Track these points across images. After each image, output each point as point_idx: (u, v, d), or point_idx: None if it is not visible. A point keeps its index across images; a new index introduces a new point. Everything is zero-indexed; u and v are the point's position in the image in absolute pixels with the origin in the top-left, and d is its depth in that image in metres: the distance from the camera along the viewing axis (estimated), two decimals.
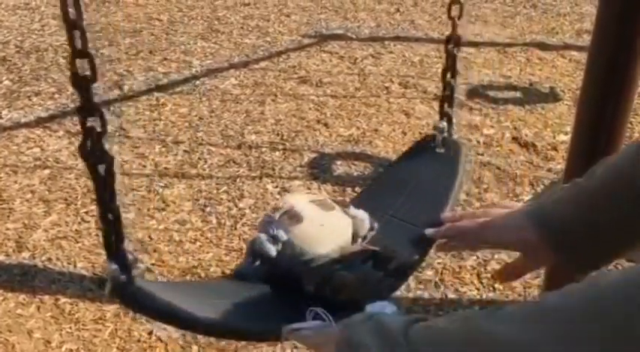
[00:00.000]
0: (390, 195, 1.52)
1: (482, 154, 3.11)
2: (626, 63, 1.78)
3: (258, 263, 1.27)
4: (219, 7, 5.48)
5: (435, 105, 3.63)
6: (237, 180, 2.88)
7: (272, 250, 1.27)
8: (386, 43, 4.67)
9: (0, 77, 3.91)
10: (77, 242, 2.43)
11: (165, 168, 2.98)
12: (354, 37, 4.71)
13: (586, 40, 4.57)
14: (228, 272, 2.31)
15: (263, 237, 1.27)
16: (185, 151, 3.13)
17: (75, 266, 2.32)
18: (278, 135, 3.32)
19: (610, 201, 0.85)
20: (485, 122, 3.45)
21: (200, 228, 2.55)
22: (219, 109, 3.58)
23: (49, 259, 2.35)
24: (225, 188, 2.82)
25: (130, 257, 1.01)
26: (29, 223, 2.52)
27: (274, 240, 1.27)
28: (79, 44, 0.90)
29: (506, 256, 2.36)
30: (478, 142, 3.23)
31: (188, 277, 2.27)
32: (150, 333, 2.08)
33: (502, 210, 1.00)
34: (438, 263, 2.34)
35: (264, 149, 3.17)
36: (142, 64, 4.15)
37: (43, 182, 2.79)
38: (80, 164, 2.96)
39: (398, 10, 5.56)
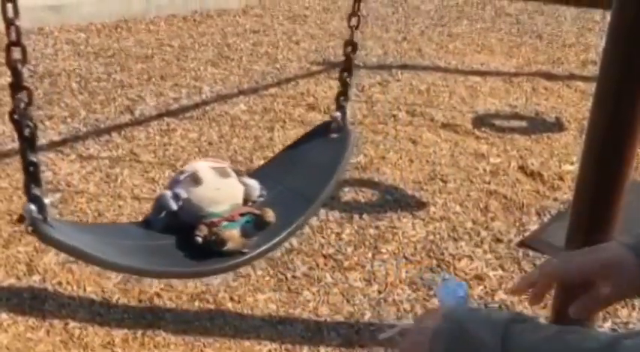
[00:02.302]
0: (285, 170, 1.81)
1: (488, 183, 3.14)
2: (633, 93, 1.81)
3: (163, 214, 1.55)
4: (229, 34, 5.57)
5: (442, 133, 3.69)
6: None
7: (174, 205, 1.54)
8: (393, 71, 4.72)
9: None
10: (87, 266, 2.44)
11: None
12: (361, 64, 4.77)
13: (591, 70, 4.62)
14: (236, 298, 2.32)
15: (168, 193, 1.56)
16: None
17: (84, 290, 2.34)
18: None
19: None
20: (492, 151, 3.48)
21: None
22: (229, 135, 3.63)
23: (59, 283, 2.37)
24: None
25: (46, 201, 1.24)
26: (40, 246, 2.54)
27: (177, 197, 1.55)
28: (14, 37, 1.16)
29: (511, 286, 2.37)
30: (485, 171, 3.26)
31: (197, 303, 2.29)
32: None
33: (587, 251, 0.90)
34: None
35: None
36: (153, 89, 4.21)
37: (55, 205, 2.82)
38: (92, 188, 3.00)
39: (405, 39, 5.64)
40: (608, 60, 1.85)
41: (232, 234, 1.51)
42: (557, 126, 3.85)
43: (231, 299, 2.32)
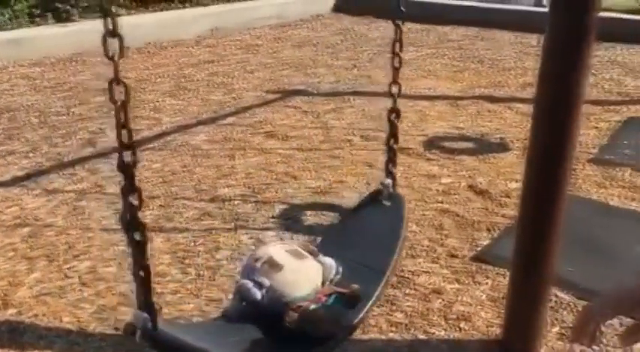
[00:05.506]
0: (349, 242, 1.85)
1: (441, 202, 3.34)
2: (567, 113, 2.02)
3: (244, 305, 1.55)
4: (184, 65, 5.69)
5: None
6: (213, 232, 3.02)
7: (257, 294, 1.54)
8: (346, 97, 4.93)
9: None
10: (61, 297, 2.51)
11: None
12: (315, 92, 4.97)
13: (530, 92, 4.92)
14: None
15: (249, 283, 1.55)
16: (161, 206, 3.26)
17: (61, 320, 2.39)
18: (249, 188, 3.48)
19: None
20: (443, 172, 3.70)
21: (180, 280, 2.66)
22: (191, 164, 3.73)
23: (36, 315, 2.41)
24: (201, 240, 2.94)
25: (156, 307, 1.27)
26: (14, 281, 2.59)
27: (259, 285, 1.54)
28: (126, 139, 1.21)
29: (469, 298, 2.55)
30: (437, 191, 3.46)
31: None
32: None
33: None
34: (407, 306, 2.51)
35: (236, 202, 3.32)
36: (113, 122, 4.27)
37: (25, 240, 2.87)
38: (60, 221, 3.05)
39: (355, 66, 5.87)
40: (543, 82, 2.05)
41: (324, 316, 1.50)
42: (502, 146, 4.11)
43: None
